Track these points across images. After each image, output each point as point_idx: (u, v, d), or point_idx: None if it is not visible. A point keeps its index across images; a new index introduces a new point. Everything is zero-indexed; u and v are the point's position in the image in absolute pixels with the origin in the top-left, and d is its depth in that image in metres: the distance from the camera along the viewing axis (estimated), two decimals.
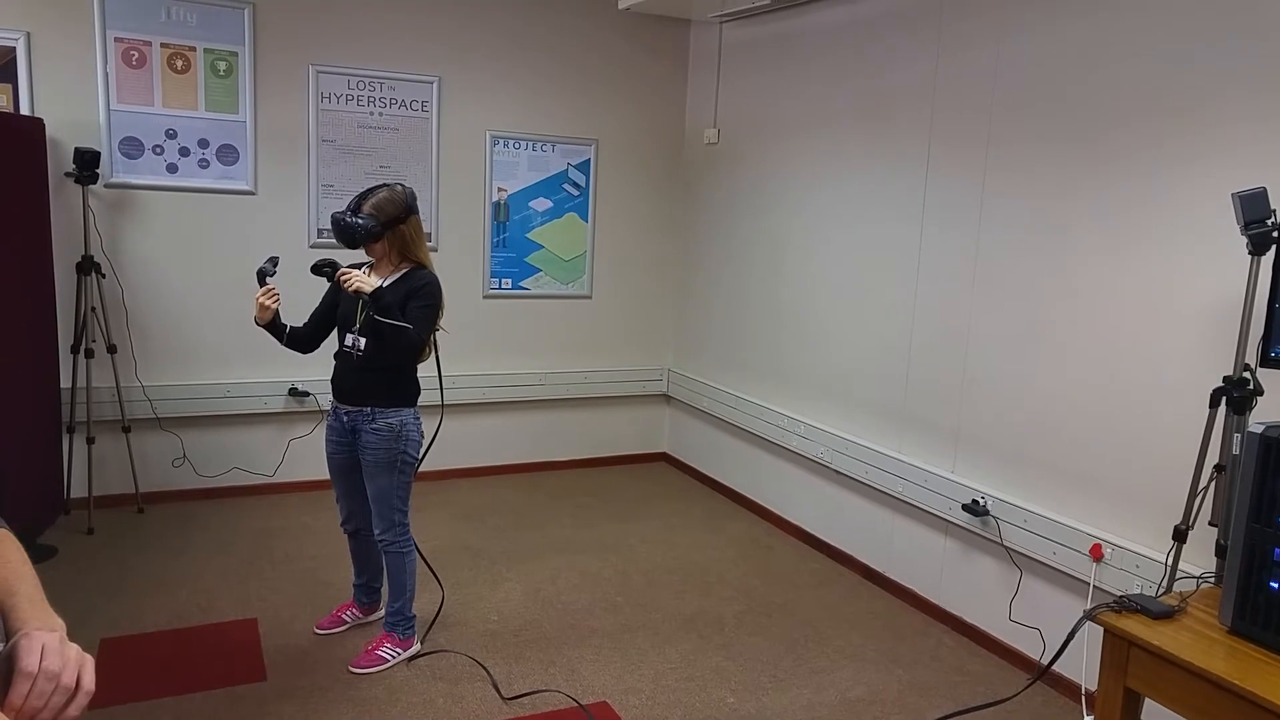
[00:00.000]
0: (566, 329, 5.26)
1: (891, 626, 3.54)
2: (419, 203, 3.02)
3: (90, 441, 4.13)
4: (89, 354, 4.05)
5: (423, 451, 3.10)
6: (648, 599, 3.68)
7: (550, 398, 5.25)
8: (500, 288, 5.05)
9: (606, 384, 5.39)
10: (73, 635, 1.10)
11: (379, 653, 3.04)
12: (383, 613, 3.21)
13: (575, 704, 2.88)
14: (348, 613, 3.29)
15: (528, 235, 5.07)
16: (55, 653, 1.02)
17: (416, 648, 3.13)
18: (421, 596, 3.29)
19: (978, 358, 3.40)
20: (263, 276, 2.92)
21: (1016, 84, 3.21)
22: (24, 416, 3.73)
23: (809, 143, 4.28)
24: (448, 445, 5.06)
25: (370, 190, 2.92)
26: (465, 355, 5.00)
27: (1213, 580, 2.24)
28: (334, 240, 3.00)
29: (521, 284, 5.10)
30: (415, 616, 3.14)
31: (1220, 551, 2.25)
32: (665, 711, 2.87)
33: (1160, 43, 2.73)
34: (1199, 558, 2.53)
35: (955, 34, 3.45)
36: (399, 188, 2.94)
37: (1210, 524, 2.37)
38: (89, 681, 1.04)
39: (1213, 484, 2.35)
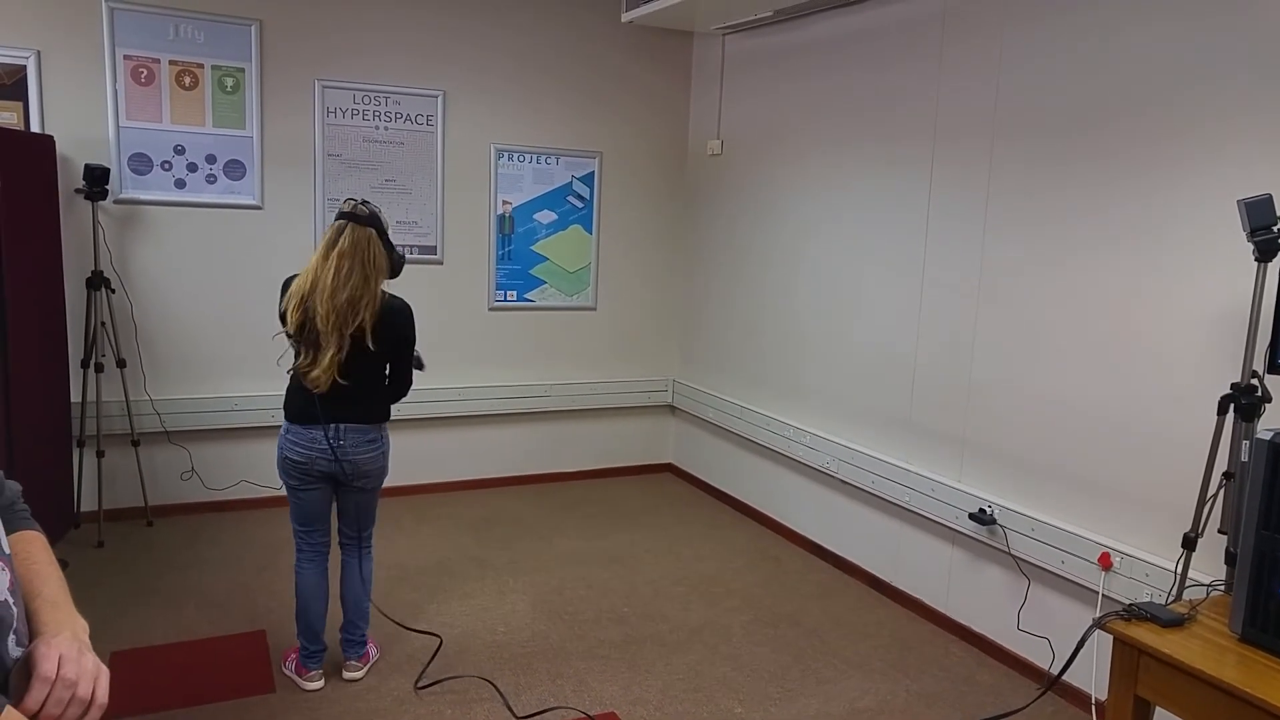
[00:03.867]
0: (571, 341, 5.27)
1: (899, 636, 3.53)
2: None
3: (100, 455, 4.15)
4: (99, 368, 4.07)
5: (285, 472, 2.90)
6: (654, 610, 3.67)
7: (555, 409, 5.26)
8: (505, 300, 5.07)
9: (611, 395, 5.40)
10: None
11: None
12: (365, 653, 3.10)
13: (584, 716, 2.87)
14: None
15: (532, 248, 5.09)
16: (73, 662, 1.03)
17: (291, 674, 3.02)
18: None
19: (983, 366, 3.40)
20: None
21: (1020, 91, 3.22)
22: (35, 430, 3.75)
23: (812, 154, 4.30)
24: (453, 457, 5.07)
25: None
26: (470, 367, 5.01)
27: (1223, 588, 2.23)
28: None
29: (526, 296, 5.12)
30: (302, 646, 2.98)
31: (1230, 559, 2.24)
32: None
33: (1163, 52, 2.74)
34: (1209, 566, 2.53)
35: (958, 42, 3.47)
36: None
37: (1220, 531, 2.36)
38: (103, 695, 1.05)
39: (1222, 491, 2.35)
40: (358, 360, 2.78)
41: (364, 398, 2.85)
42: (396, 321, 2.84)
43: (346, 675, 3.03)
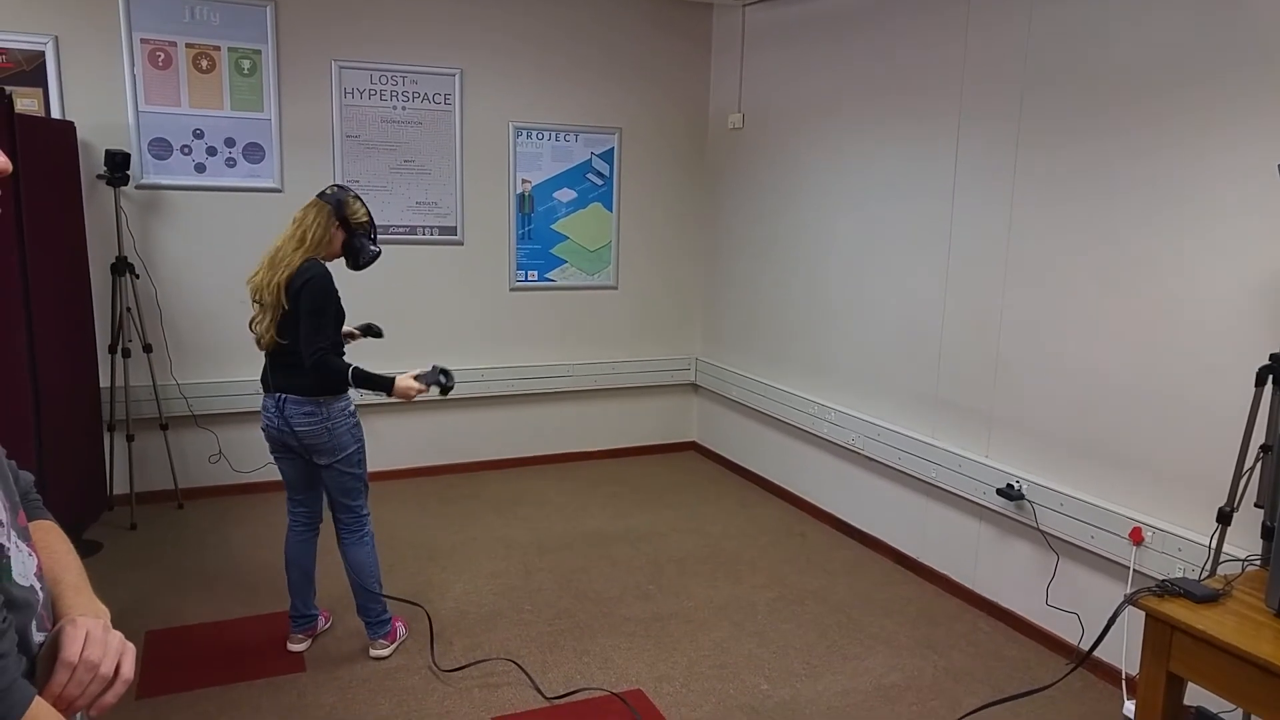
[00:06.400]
0: (593, 320, 5.26)
1: (926, 612, 3.52)
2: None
3: (130, 439, 4.20)
4: (126, 353, 4.12)
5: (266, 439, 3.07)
6: (680, 587, 3.68)
7: (578, 389, 5.25)
8: (526, 280, 5.05)
9: (634, 374, 5.39)
10: (119, 627, 1.11)
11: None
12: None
13: (610, 693, 2.89)
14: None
15: (552, 227, 5.07)
16: (98, 642, 1.03)
17: (295, 646, 3.14)
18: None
19: (1011, 339, 3.35)
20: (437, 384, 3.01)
21: (1049, 57, 3.14)
22: (67, 416, 3.80)
23: (835, 126, 4.23)
24: (478, 438, 5.09)
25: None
26: (492, 348, 5.02)
27: (1258, 563, 2.19)
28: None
29: (547, 276, 5.10)
30: (291, 616, 3.14)
31: (1266, 533, 2.20)
32: (699, 699, 2.87)
33: (1196, 15, 2.65)
34: (1244, 540, 2.48)
35: (985, 9, 3.39)
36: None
37: (1256, 505, 2.32)
38: (128, 670, 1.05)
39: (1259, 465, 2.30)
40: (289, 324, 2.85)
41: (299, 367, 2.87)
42: (296, 283, 2.80)
43: (371, 653, 3.08)
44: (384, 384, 2.92)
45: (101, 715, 1.04)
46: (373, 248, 2.99)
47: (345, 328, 3.12)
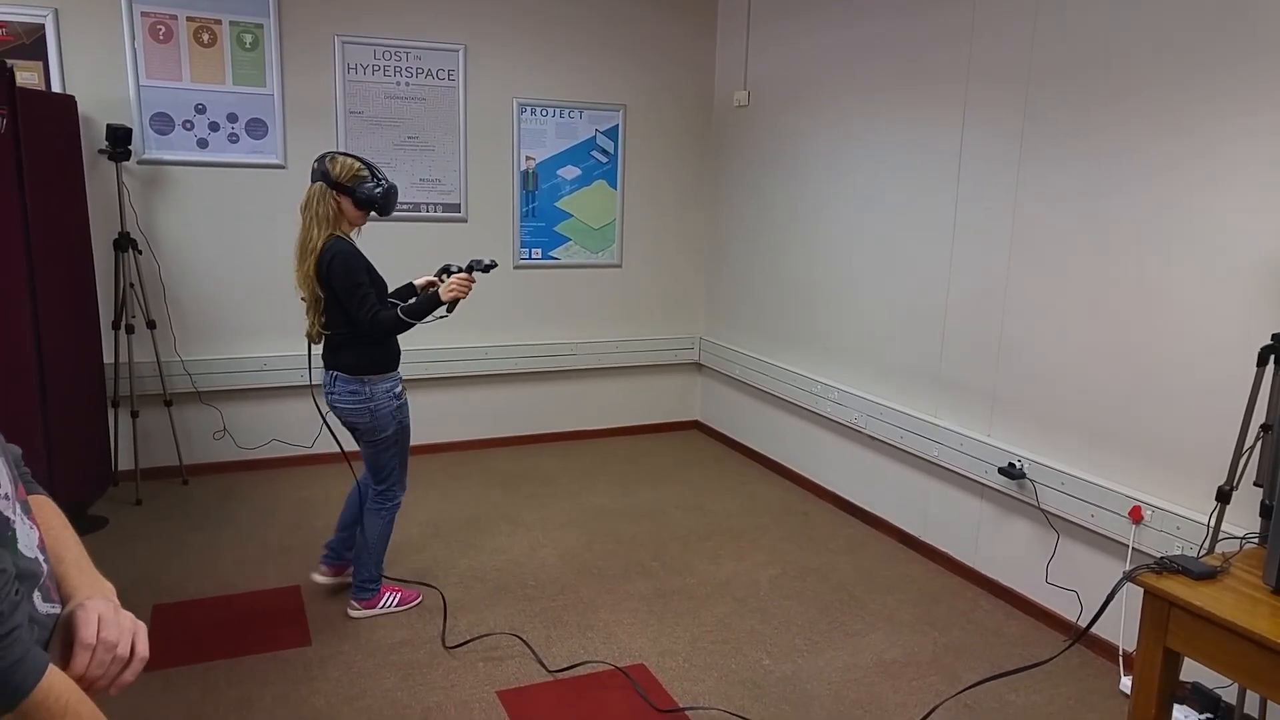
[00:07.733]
0: (597, 298, 5.26)
1: (927, 590, 3.54)
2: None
3: (134, 415, 4.22)
4: (129, 329, 4.12)
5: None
6: (683, 564, 3.70)
7: (582, 367, 5.26)
8: (530, 258, 5.05)
9: (638, 353, 5.39)
10: (126, 602, 1.13)
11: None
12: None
13: (613, 667, 2.92)
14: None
15: (556, 204, 5.05)
16: (112, 623, 1.05)
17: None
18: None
19: (1014, 318, 3.35)
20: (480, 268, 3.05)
21: (1056, 36, 3.11)
22: (71, 392, 3.82)
23: (842, 103, 4.21)
24: (483, 415, 5.11)
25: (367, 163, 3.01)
26: (497, 326, 5.02)
27: (1256, 541, 2.20)
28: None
29: (551, 254, 5.10)
30: (327, 546, 3.33)
31: (1265, 512, 2.21)
32: (701, 673, 2.90)
33: None
34: (1243, 518, 2.50)
35: None
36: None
37: (1255, 484, 2.33)
38: (143, 648, 1.08)
39: (1258, 444, 2.31)
40: (332, 309, 2.92)
41: (347, 346, 2.96)
42: (321, 266, 2.87)
43: (348, 611, 3.21)
44: (432, 302, 2.96)
45: (120, 692, 1.07)
46: (381, 191, 2.96)
47: (420, 280, 3.20)
